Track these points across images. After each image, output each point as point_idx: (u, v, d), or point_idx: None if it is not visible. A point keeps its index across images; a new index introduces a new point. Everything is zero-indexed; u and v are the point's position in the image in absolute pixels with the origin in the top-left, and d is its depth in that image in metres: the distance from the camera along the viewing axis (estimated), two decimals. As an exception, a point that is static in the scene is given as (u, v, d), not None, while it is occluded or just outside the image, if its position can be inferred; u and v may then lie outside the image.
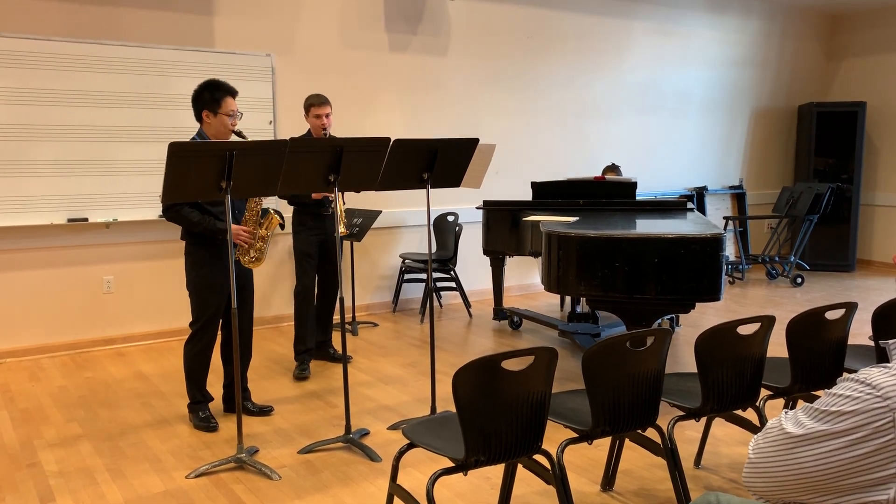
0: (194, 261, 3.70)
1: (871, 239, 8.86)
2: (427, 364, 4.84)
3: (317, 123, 4.45)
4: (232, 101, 3.63)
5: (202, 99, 3.61)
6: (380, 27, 6.15)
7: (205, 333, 3.74)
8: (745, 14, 8.41)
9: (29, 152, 4.87)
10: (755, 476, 1.32)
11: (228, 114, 3.61)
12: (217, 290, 3.70)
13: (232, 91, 3.64)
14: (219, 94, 3.59)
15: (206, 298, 3.70)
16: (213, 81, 3.62)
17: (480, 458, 2.27)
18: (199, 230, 3.61)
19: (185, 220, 3.59)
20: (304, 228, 4.61)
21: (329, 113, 4.47)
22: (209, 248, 3.67)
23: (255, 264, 3.75)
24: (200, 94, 3.62)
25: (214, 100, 3.59)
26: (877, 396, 1.19)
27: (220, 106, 3.59)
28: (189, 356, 3.77)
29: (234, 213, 3.71)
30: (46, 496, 3.04)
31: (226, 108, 3.60)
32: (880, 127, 8.73)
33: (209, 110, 3.61)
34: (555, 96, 7.15)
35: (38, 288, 5.07)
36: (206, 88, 3.61)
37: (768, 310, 6.44)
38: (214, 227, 3.59)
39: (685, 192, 8.25)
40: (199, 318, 3.72)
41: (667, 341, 2.58)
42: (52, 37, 4.89)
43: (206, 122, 3.64)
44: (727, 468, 3.28)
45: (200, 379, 3.80)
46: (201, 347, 3.75)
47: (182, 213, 3.58)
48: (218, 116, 3.60)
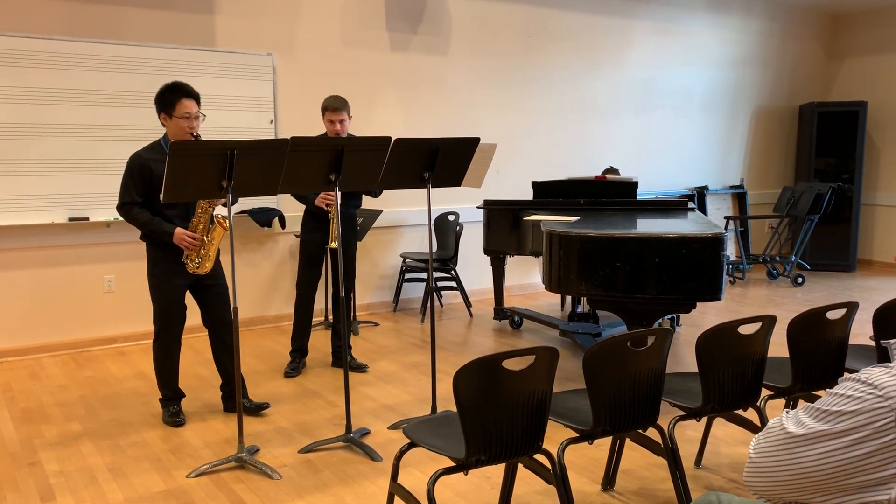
0: (150, 261, 3.72)
1: (871, 239, 8.85)
2: (428, 363, 4.84)
3: (330, 128, 4.34)
4: (189, 102, 3.55)
5: (160, 101, 3.59)
6: (381, 26, 6.15)
7: (167, 333, 3.75)
8: (746, 13, 8.41)
9: (29, 151, 4.88)
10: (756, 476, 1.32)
11: (183, 116, 3.55)
12: (170, 292, 3.70)
13: (189, 92, 3.57)
14: (174, 96, 3.54)
15: (160, 298, 3.70)
16: (172, 83, 3.58)
17: (481, 458, 2.27)
18: (146, 230, 3.62)
19: (133, 220, 3.60)
20: (309, 229, 4.60)
21: (343, 119, 4.30)
22: (165, 250, 3.66)
23: (200, 270, 3.67)
24: (160, 96, 3.59)
25: (170, 102, 3.55)
26: (878, 396, 1.19)
27: (174, 108, 3.54)
28: (155, 356, 3.80)
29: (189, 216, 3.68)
30: (47, 495, 3.04)
31: (180, 111, 3.54)
32: (881, 127, 8.73)
33: (165, 113, 3.58)
34: (556, 95, 7.15)
35: (39, 287, 5.07)
36: (163, 90, 3.58)
37: (769, 309, 6.44)
38: (161, 228, 3.57)
39: (686, 191, 8.25)
40: (157, 318, 3.74)
41: (667, 341, 2.58)
42: (53, 35, 4.89)
43: (165, 125, 3.62)
44: (728, 468, 3.28)
45: (168, 376, 3.82)
46: (165, 347, 3.77)
47: (132, 212, 3.59)
48: (173, 119, 3.56)
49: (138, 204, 3.60)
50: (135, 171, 3.58)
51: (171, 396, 3.86)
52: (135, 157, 3.61)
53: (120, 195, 3.62)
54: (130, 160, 3.60)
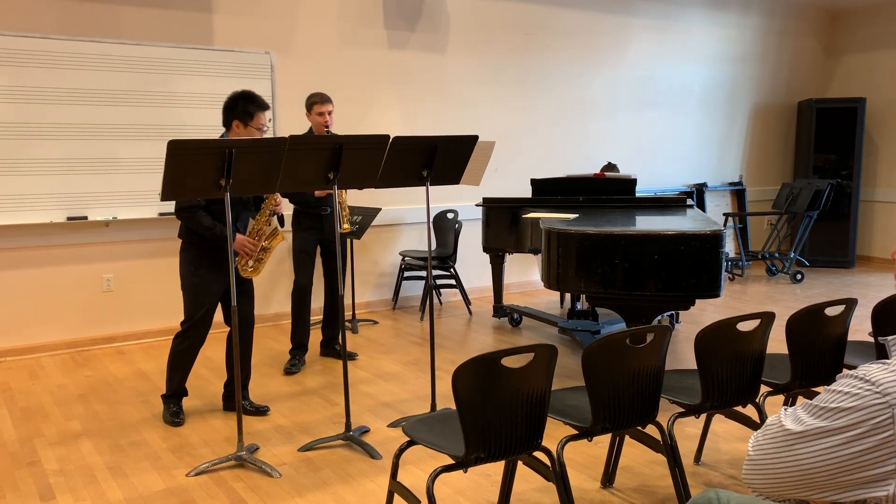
0: (189, 260, 3.71)
1: (870, 235, 8.86)
2: (427, 361, 4.84)
3: (319, 121, 4.49)
4: (263, 116, 3.67)
5: (236, 109, 3.64)
6: (379, 24, 6.14)
7: (194, 332, 3.75)
8: (745, 10, 8.40)
9: (28, 150, 4.87)
10: (755, 472, 1.32)
11: (258, 127, 3.66)
12: (209, 292, 3.71)
13: (265, 106, 3.69)
14: (253, 107, 3.63)
15: (198, 299, 3.70)
16: (249, 94, 3.65)
17: (480, 455, 2.27)
18: (209, 235, 3.62)
19: (198, 224, 3.60)
20: (302, 228, 4.65)
21: (331, 111, 4.51)
22: (205, 250, 3.67)
23: (252, 274, 3.76)
24: (234, 103, 3.64)
25: (248, 113, 3.63)
26: (876, 393, 1.19)
27: (252, 119, 3.64)
28: (175, 351, 3.80)
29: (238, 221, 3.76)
30: (47, 494, 3.04)
31: (257, 123, 3.65)
32: (880, 123, 8.73)
33: (241, 121, 3.64)
34: (554, 93, 7.15)
35: (38, 286, 5.07)
36: (241, 98, 3.64)
37: (768, 306, 6.44)
38: (223, 234, 3.60)
39: (685, 188, 8.25)
40: (191, 318, 3.73)
41: (666, 338, 2.58)
42: (50, 34, 4.88)
43: (235, 132, 3.66)
44: (727, 464, 3.28)
45: (182, 374, 3.83)
46: (189, 345, 3.77)
47: (196, 216, 3.59)
48: (248, 129, 3.65)
49: (203, 207, 3.61)
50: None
51: (176, 393, 3.85)
52: None
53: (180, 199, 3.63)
54: None
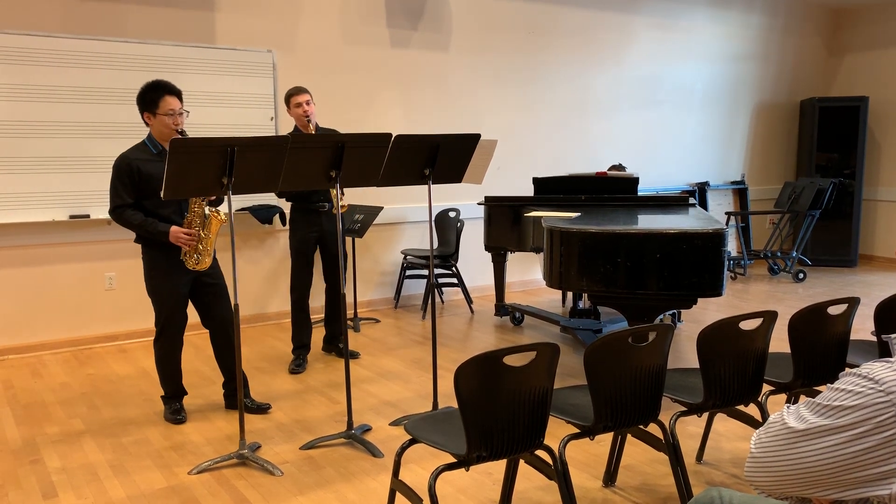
0: (147, 263, 3.69)
1: (873, 234, 8.84)
2: (429, 360, 4.84)
3: (298, 112, 4.42)
4: (172, 99, 3.55)
5: (142, 101, 3.57)
6: (381, 23, 6.14)
7: (167, 335, 3.74)
8: (748, 9, 8.39)
9: (30, 149, 4.87)
10: (757, 471, 1.32)
11: (167, 113, 3.54)
12: (170, 293, 3.68)
13: (172, 90, 3.57)
14: (156, 94, 3.53)
15: (160, 301, 3.69)
16: (153, 82, 3.57)
17: (482, 454, 2.27)
18: (141, 232, 3.60)
19: (127, 222, 3.57)
20: (298, 226, 4.62)
21: (309, 100, 4.43)
22: (162, 251, 3.64)
23: (200, 266, 3.66)
24: (142, 95, 3.57)
25: (152, 101, 3.54)
26: (879, 391, 1.19)
27: (157, 106, 3.54)
28: (157, 356, 3.80)
29: (183, 213, 3.66)
30: (49, 492, 3.05)
31: (164, 108, 3.54)
32: (882, 122, 8.71)
33: (149, 112, 3.57)
34: (556, 92, 7.14)
35: (40, 284, 5.07)
36: (145, 90, 3.56)
37: (770, 305, 6.44)
38: (156, 228, 3.55)
39: (687, 187, 8.24)
40: (158, 321, 3.73)
41: (669, 337, 2.58)
42: (53, 33, 4.88)
43: (150, 124, 3.61)
44: (729, 463, 3.28)
45: (171, 376, 3.82)
46: (167, 348, 3.77)
47: (125, 214, 3.56)
48: (157, 117, 3.56)
49: (130, 206, 3.58)
50: (123, 173, 3.56)
51: (174, 394, 3.86)
52: (121, 158, 3.58)
53: (111, 199, 3.59)
54: (117, 162, 3.58)
